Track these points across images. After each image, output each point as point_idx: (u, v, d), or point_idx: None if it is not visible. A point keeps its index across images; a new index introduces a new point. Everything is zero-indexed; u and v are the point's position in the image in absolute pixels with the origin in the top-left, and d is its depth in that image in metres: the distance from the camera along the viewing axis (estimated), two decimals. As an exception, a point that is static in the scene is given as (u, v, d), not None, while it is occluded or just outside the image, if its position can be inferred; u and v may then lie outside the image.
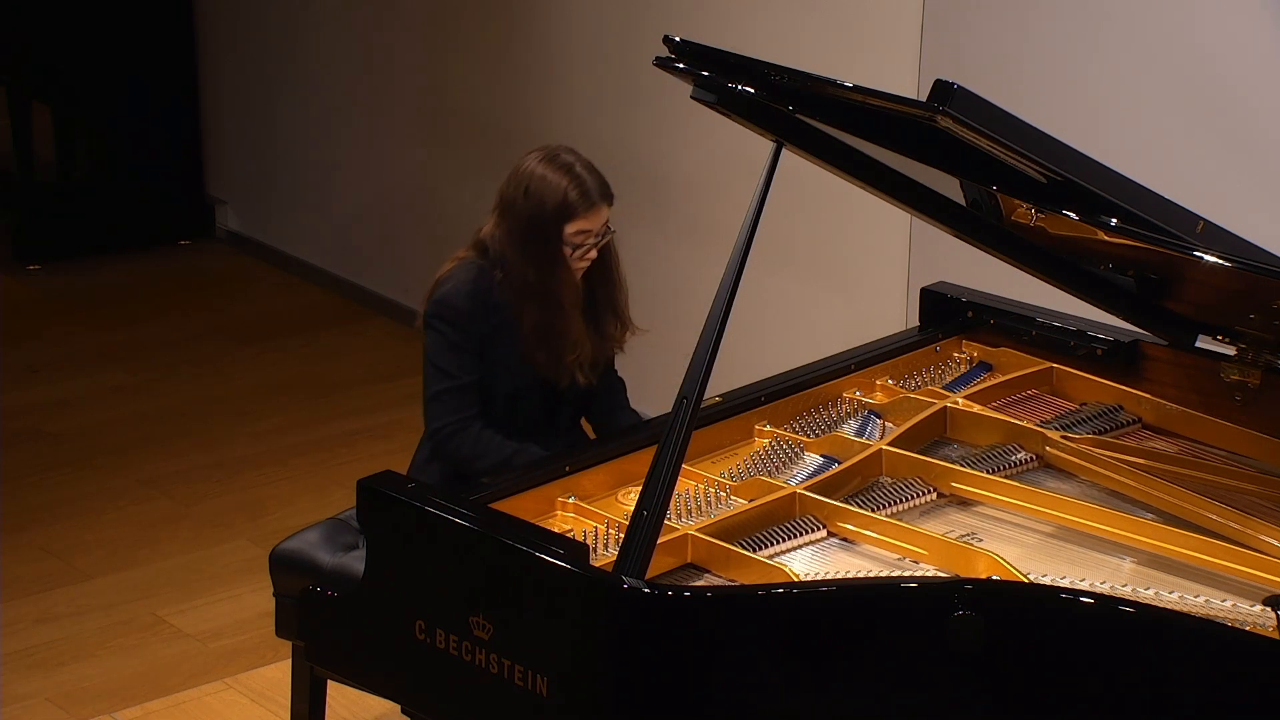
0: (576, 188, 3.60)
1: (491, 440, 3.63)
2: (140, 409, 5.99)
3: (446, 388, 3.65)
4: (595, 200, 3.62)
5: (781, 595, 2.79)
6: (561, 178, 3.61)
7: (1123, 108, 4.35)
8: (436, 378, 3.66)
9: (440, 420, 3.65)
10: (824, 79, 2.99)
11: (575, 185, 3.61)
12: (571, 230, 3.61)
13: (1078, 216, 2.99)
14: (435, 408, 3.66)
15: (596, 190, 3.62)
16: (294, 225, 7.26)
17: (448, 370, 3.64)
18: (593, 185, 3.62)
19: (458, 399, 3.65)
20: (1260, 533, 3.07)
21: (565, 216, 3.60)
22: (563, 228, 3.60)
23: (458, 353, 3.64)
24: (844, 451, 3.41)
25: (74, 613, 4.76)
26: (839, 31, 4.98)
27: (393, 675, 3.15)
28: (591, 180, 3.63)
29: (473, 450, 3.62)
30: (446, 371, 3.65)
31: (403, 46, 6.52)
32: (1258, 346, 3.41)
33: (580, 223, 3.61)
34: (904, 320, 4.81)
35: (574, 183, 3.61)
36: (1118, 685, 2.71)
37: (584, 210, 3.61)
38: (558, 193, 3.60)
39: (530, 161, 3.66)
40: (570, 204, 3.60)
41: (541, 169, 3.63)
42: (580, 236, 3.62)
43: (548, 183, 3.61)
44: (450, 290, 3.66)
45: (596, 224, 3.63)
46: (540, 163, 3.64)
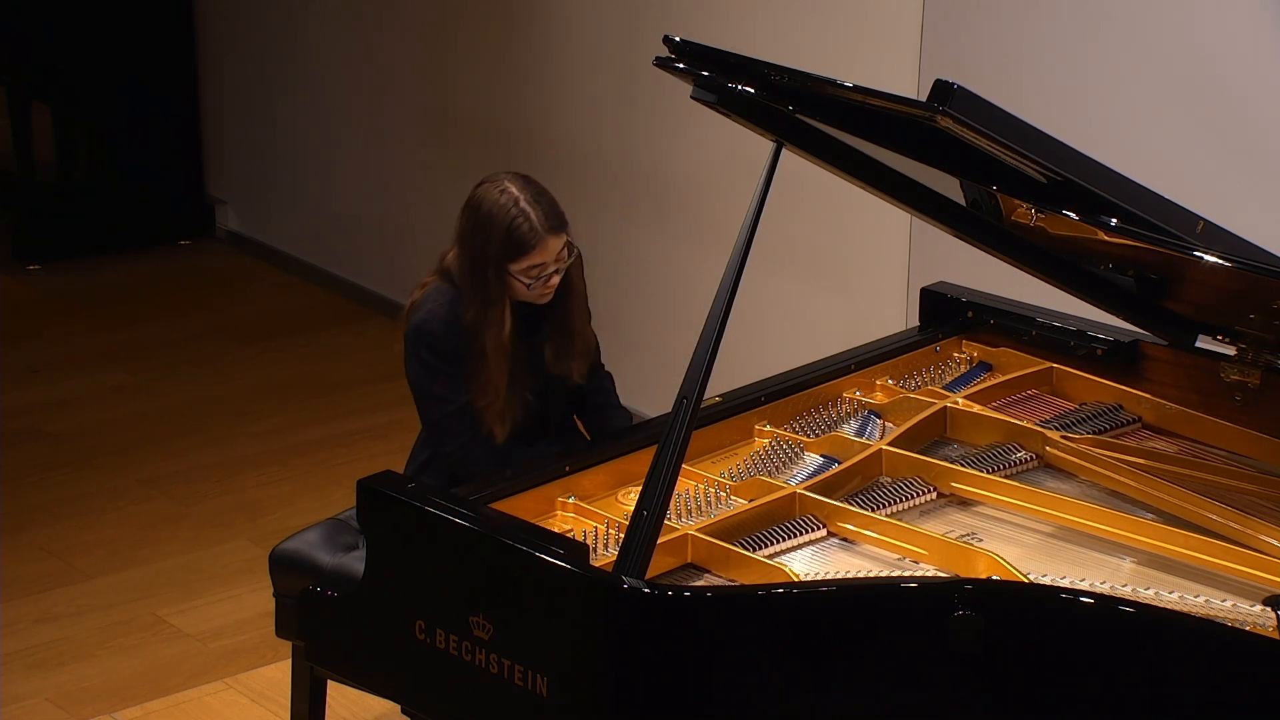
0: (523, 223, 3.51)
1: (511, 449, 3.63)
2: (140, 409, 5.99)
3: (446, 413, 3.64)
4: (541, 234, 3.52)
5: (781, 595, 2.79)
6: (506, 214, 3.52)
7: (1123, 108, 4.35)
8: (433, 405, 3.65)
9: (452, 444, 3.64)
10: (824, 79, 2.99)
11: (522, 221, 3.51)
12: (520, 268, 3.53)
13: (1078, 216, 2.99)
14: (437, 433, 3.66)
15: (542, 223, 3.52)
16: (294, 225, 7.26)
17: (442, 396, 3.63)
18: (538, 219, 3.52)
19: (460, 420, 3.63)
20: (1260, 533, 3.07)
21: (511, 256, 3.52)
22: (507, 267, 3.53)
23: (447, 377, 3.63)
24: (844, 451, 3.41)
25: (74, 613, 4.76)
26: (839, 31, 4.98)
27: (393, 675, 3.15)
28: (536, 213, 3.52)
29: (491, 461, 3.61)
30: (441, 397, 3.63)
31: (403, 46, 6.52)
32: (1258, 346, 3.41)
33: (529, 259, 3.53)
34: (904, 320, 4.81)
35: (520, 218, 3.52)
36: (1118, 685, 2.71)
37: (531, 246, 3.52)
38: (501, 231, 3.51)
39: (478, 194, 3.59)
40: (516, 242, 3.51)
41: (489, 203, 3.55)
42: (534, 271, 3.54)
43: (494, 220, 3.53)
44: (427, 316, 3.64)
45: (548, 255, 3.54)
46: (488, 195, 3.56)
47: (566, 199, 3.67)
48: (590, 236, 5.82)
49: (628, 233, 5.69)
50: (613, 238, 5.73)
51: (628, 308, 5.71)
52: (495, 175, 3.63)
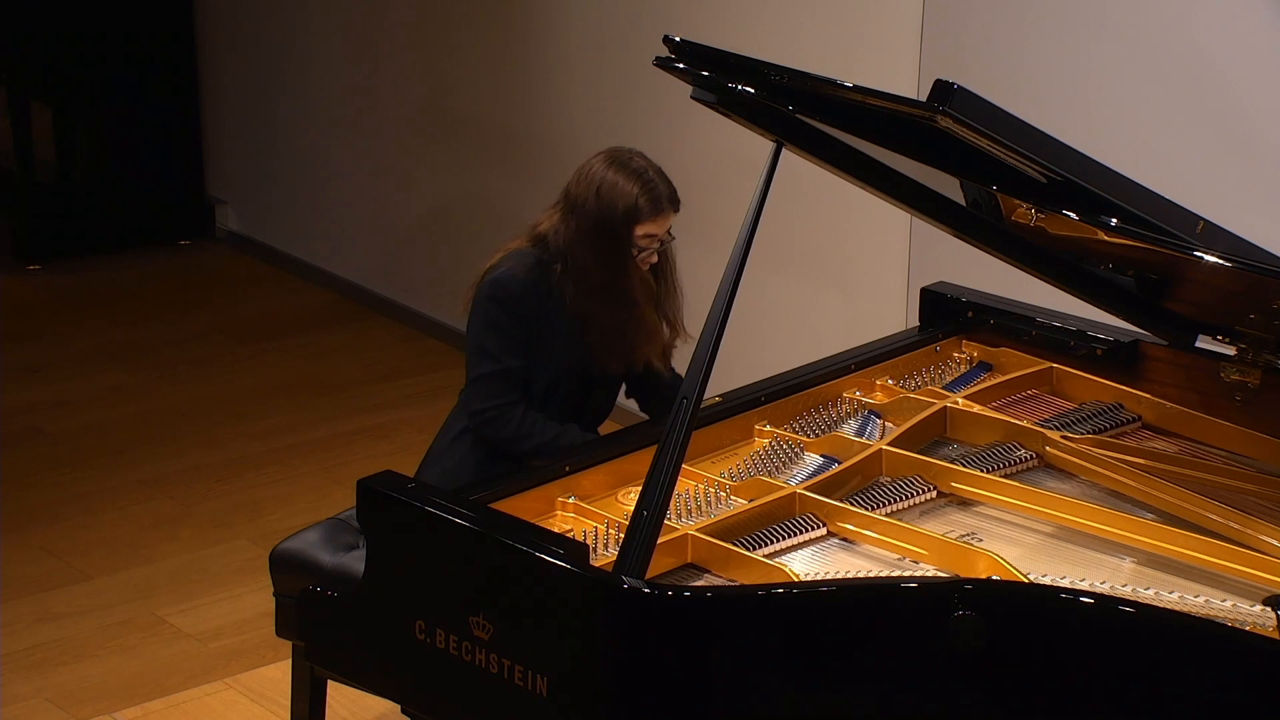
0: (648, 192, 3.65)
1: (536, 423, 3.67)
2: (140, 409, 5.99)
3: (491, 371, 3.68)
4: (664, 206, 3.66)
5: (781, 595, 2.79)
6: (634, 182, 3.64)
7: (1123, 108, 4.35)
8: (481, 360, 3.69)
9: (484, 403, 3.68)
10: (824, 79, 2.99)
11: (647, 190, 3.65)
12: (640, 233, 3.65)
13: (1078, 216, 2.99)
14: (478, 389, 3.69)
15: (667, 196, 3.67)
16: (294, 225, 7.26)
17: (493, 353, 3.67)
18: (663, 191, 3.67)
19: (501, 383, 3.68)
20: (1260, 533, 3.07)
21: (635, 219, 3.64)
22: (632, 229, 3.65)
23: (505, 336, 3.67)
24: (844, 451, 3.41)
25: (74, 613, 4.76)
26: (839, 31, 4.98)
27: (393, 675, 3.15)
28: (663, 186, 3.68)
29: (516, 432, 3.66)
30: (492, 354, 3.67)
31: (403, 46, 6.52)
32: (1258, 346, 3.41)
33: (649, 226, 3.65)
34: (904, 320, 4.81)
35: (646, 187, 3.65)
36: (1118, 685, 2.71)
37: (654, 214, 3.65)
38: (629, 196, 3.63)
39: (600, 164, 3.69)
40: (641, 208, 3.64)
41: (613, 172, 3.66)
42: (646, 240, 3.67)
43: (620, 186, 3.64)
44: (506, 274, 3.69)
45: (663, 229, 3.68)
46: (611, 165, 3.68)
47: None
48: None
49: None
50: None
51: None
52: (619, 148, 3.74)
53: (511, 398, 3.68)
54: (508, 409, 3.67)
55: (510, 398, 3.68)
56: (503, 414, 3.67)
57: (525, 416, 3.67)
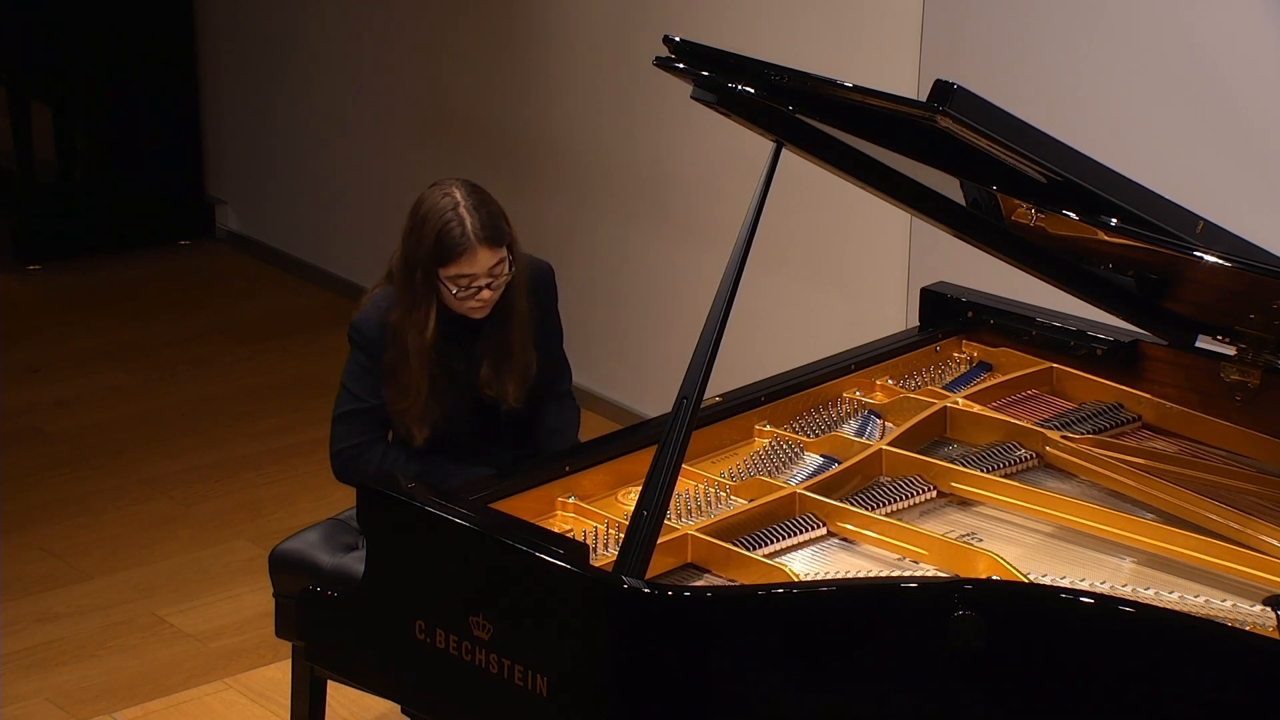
0: (456, 228, 3.48)
1: (398, 459, 3.63)
2: (140, 409, 5.99)
3: (350, 410, 3.67)
4: (472, 243, 3.47)
5: (781, 595, 2.79)
6: (441, 217, 3.49)
7: (1123, 108, 4.35)
8: (344, 399, 3.69)
9: (343, 441, 3.66)
10: (824, 79, 2.99)
11: (456, 226, 3.48)
12: (449, 274, 3.51)
13: (1078, 216, 2.99)
14: (339, 429, 3.68)
15: (475, 232, 3.47)
16: (294, 225, 7.26)
17: (355, 393, 3.66)
18: (472, 227, 3.47)
19: (362, 421, 3.66)
20: (1260, 533, 3.07)
21: (441, 260, 3.49)
22: (437, 271, 3.51)
23: (367, 375, 3.65)
24: (844, 451, 3.40)
25: (74, 613, 4.76)
26: (839, 31, 4.98)
27: (393, 675, 3.15)
28: (472, 221, 3.48)
29: (377, 470, 3.61)
30: (354, 394, 3.67)
31: (402, 46, 6.52)
32: (1258, 346, 3.41)
33: (457, 266, 3.49)
34: (904, 320, 4.81)
35: (455, 223, 3.48)
36: (1118, 685, 2.71)
37: (460, 253, 3.48)
38: (433, 233, 3.49)
39: (424, 195, 3.56)
40: (445, 247, 3.48)
41: (428, 205, 3.53)
42: (463, 280, 3.51)
43: (428, 222, 3.50)
44: (362, 316, 3.66)
45: (478, 267, 3.49)
46: (430, 197, 3.54)
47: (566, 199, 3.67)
48: (590, 236, 5.84)
49: (628, 233, 5.69)
50: (613, 238, 5.73)
51: (628, 308, 5.72)
52: (444, 179, 3.60)
53: (372, 435, 3.65)
54: (368, 446, 3.64)
55: (370, 435, 3.65)
56: (363, 451, 3.63)
57: (387, 452, 3.64)
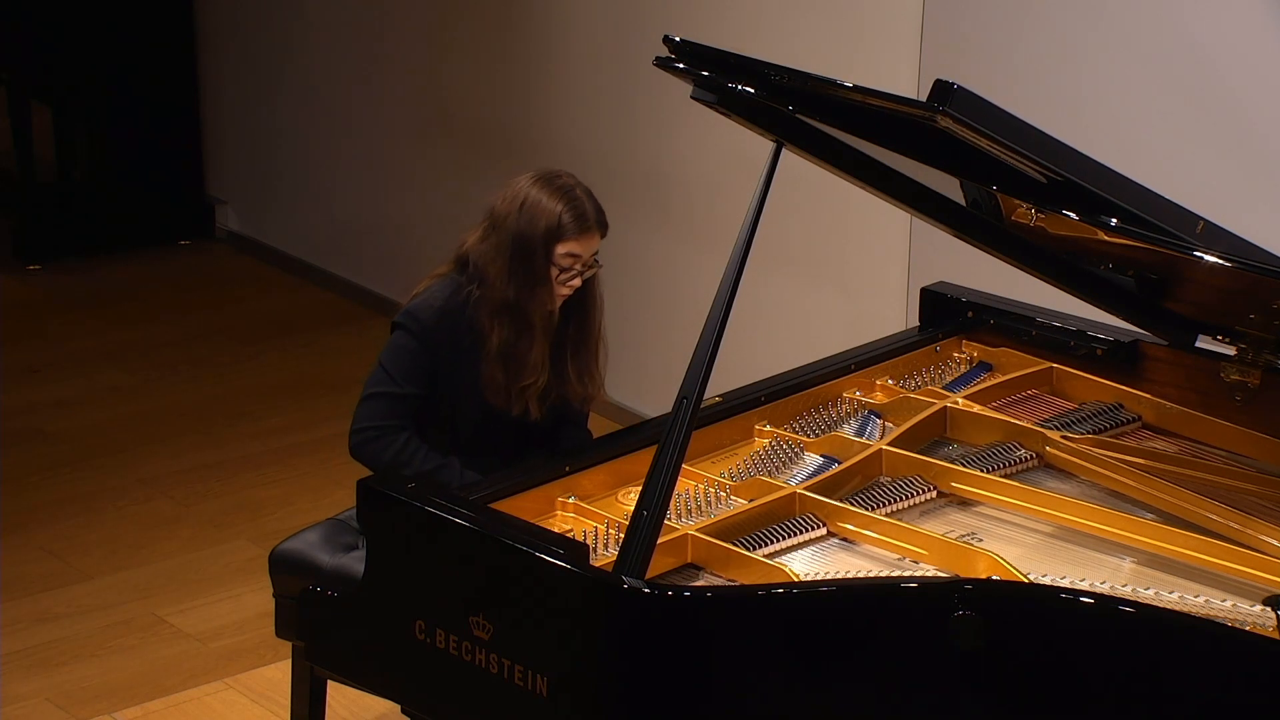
0: (573, 209, 3.56)
1: (417, 451, 3.60)
2: (140, 409, 5.99)
3: (384, 391, 3.63)
4: (590, 225, 3.57)
5: (781, 595, 2.79)
6: (559, 199, 3.56)
7: (1122, 107, 4.35)
8: (379, 379, 3.64)
9: (367, 420, 3.62)
10: (824, 79, 2.99)
11: (572, 207, 3.56)
12: (562, 251, 3.56)
13: (1078, 216, 2.99)
14: (366, 407, 3.64)
15: (593, 215, 3.58)
16: (294, 225, 7.26)
17: (392, 375, 3.63)
18: (590, 210, 3.58)
19: (391, 405, 3.62)
20: (1260, 533, 3.07)
21: (557, 236, 3.55)
22: (553, 248, 3.56)
23: (410, 362, 3.62)
24: (844, 451, 3.41)
25: (74, 613, 4.76)
26: (839, 31, 4.98)
27: (393, 675, 3.15)
28: (590, 205, 3.58)
29: (395, 457, 3.58)
30: (391, 376, 3.63)
31: (402, 46, 6.52)
32: (1258, 346, 3.41)
33: (572, 244, 3.56)
34: (904, 320, 4.81)
35: (571, 204, 3.56)
36: (1118, 685, 2.71)
37: (577, 232, 3.55)
38: (553, 212, 3.55)
39: (526, 181, 3.61)
40: (565, 224, 3.55)
41: (539, 189, 3.58)
42: (569, 259, 3.57)
43: (544, 203, 3.56)
44: (421, 303, 3.64)
45: (587, 250, 3.58)
46: (538, 183, 3.59)
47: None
48: (590, 236, 5.83)
49: (627, 233, 5.68)
50: (612, 238, 5.70)
51: (628, 308, 5.71)
52: (548, 168, 3.67)
53: (399, 422, 3.62)
54: (392, 431, 3.61)
55: (397, 422, 3.62)
56: (384, 435, 3.60)
57: (408, 444, 3.60)
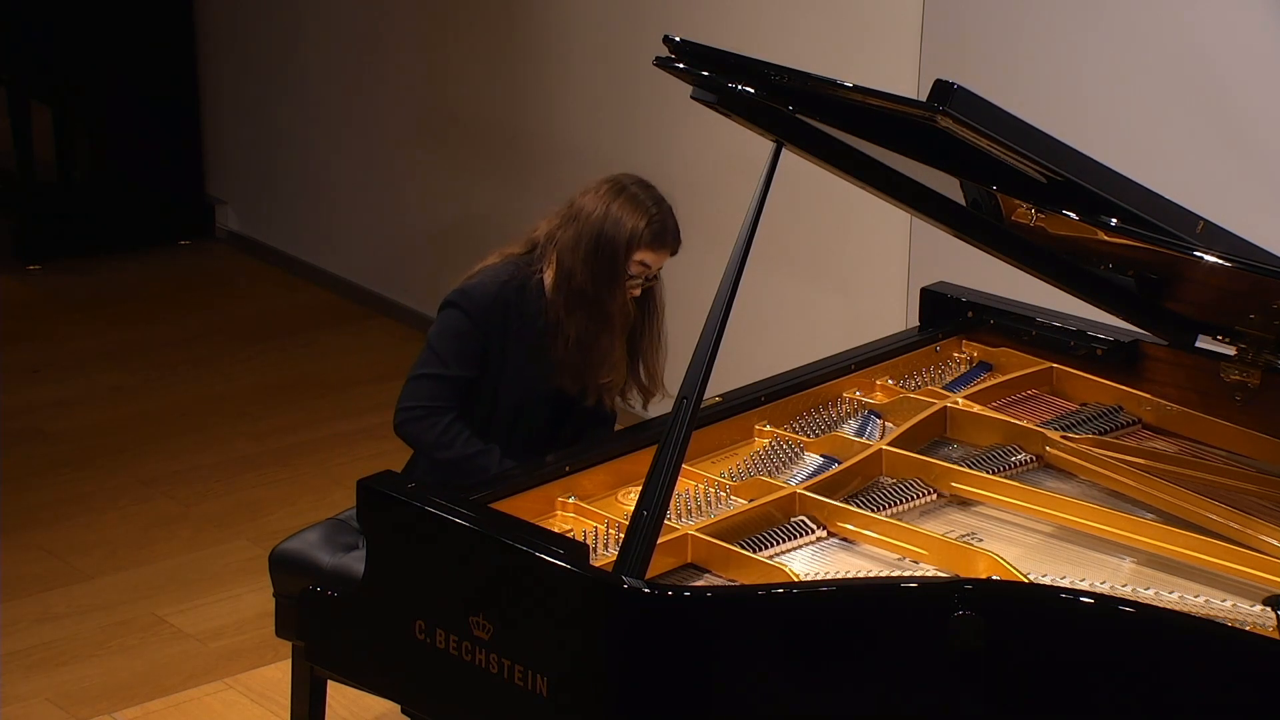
0: (661, 221, 3.65)
1: (460, 435, 3.63)
2: (140, 409, 5.99)
3: (432, 372, 3.65)
4: (668, 241, 3.67)
5: (781, 595, 2.79)
6: (650, 208, 3.65)
7: (1123, 107, 4.35)
8: (427, 359, 3.67)
9: (413, 400, 3.66)
10: (824, 79, 2.99)
11: (660, 219, 3.65)
12: (638, 258, 3.64)
13: (1078, 216, 2.99)
14: (413, 386, 3.66)
15: (673, 232, 3.68)
16: (294, 225, 7.26)
17: (442, 356, 3.65)
18: (672, 226, 3.68)
19: (438, 386, 3.64)
20: (1260, 533, 3.07)
21: (640, 242, 3.63)
22: (633, 252, 3.63)
23: (460, 343, 3.64)
24: (844, 451, 3.40)
25: (74, 613, 4.76)
26: (839, 31, 4.98)
27: (393, 675, 3.15)
28: (672, 222, 3.69)
29: (438, 439, 3.63)
30: (440, 357, 3.65)
31: (402, 46, 6.52)
32: (1258, 346, 3.41)
33: (647, 254, 3.64)
34: (904, 320, 4.81)
35: (660, 216, 3.65)
36: (1118, 685, 2.71)
37: (658, 244, 3.64)
38: (641, 219, 3.62)
39: (620, 182, 3.69)
40: (649, 233, 3.63)
41: (632, 194, 3.66)
42: (640, 268, 3.65)
43: (636, 208, 3.64)
44: (477, 284, 3.67)
45: (657, 264, 3.68)
46: (632, 187, 3.67)
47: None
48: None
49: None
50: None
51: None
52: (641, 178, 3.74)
53: (445, 404, 3.64)
54: (437, 413, 3.63)
55: (443, 403, 3.64)
56: (430, 415, 3.63)
57: (451, 426, 3.63)
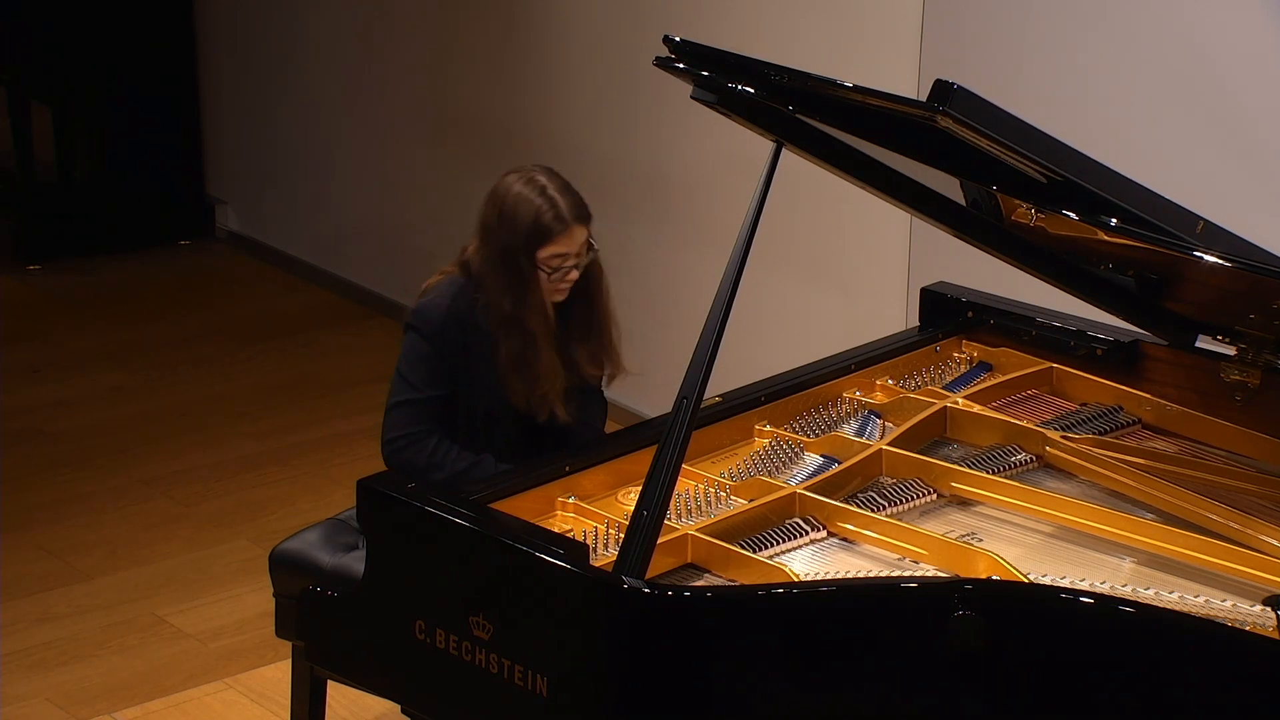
0: (550, 211, 3.54)
1: (449, 453, 3.61)
2: (140, 409, 5.99)
3: (407, 399, 3.62)
4: (569, 222, 3.55)
5: (781, 595, 2.79)
6: (534, 200, 3.54)
7: (1123, 107, 4.35)
8: (400, 388, 3.64)
9: (396, 430, 3.62)
10: (824, 79, 2.99)
11: (548, 208, 3.54)
12: (545, 255, 3.56)
13: (1078, 216, 2.99)
14: (393, 417, 3.64)
15: (570, 211, 3.56)
16: (294, 225, 7.26)
17: (412, 382, 3.62)
18: (566, 207, 3.55)
19: (415, 411, 3.62)
20: (1260, 533, 3.07)
21: (539, 241, 3.54)
22: (535, 254, 3.55)
23: (427, 365, 3.62)
24: (844, 451, 3.40)
25: (74, 613, 4.76)
26: (839, 31, 4.98)
27: (393, 675, 3.15)
28: (565, 201, 3.56)
29: (428, 462, 3.59)
30: (410, 383, 3.63)
31: (403, 47, 6.52)
32: (1258, 346, 3.41)
33: (554, 246, 3.55)
34: (904, 320, 4.81)
35: (546, 205, 3.54)
36: (1118, 685, 2.71)
37: (558, 233, 3.55)
38: (529, 216, 3.54)
39: (504, 183, 3.60)
40: (543, 227, 3.54)
41: (515, 192, 3.57)
42: (556, 260, 3.57)
43: (520, 207, 3.55)
44: (429, 302, 3.64)
45: (573, 246, 3.58)
46: (514, 185, 3.58)
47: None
48: (590, 236, 5.84)
49: (628, 233, 5.69)
50: (613, 238, 5.70)
51: (627, 308, 5.70)
52: (522, 166, 3.65)
53: (426, 426, 3.61)
54: (421, 437, 3.60)
55: (424, 426, 3.61)
56: (415, 442, 3.60)
57: (439, 446, 3.60)
